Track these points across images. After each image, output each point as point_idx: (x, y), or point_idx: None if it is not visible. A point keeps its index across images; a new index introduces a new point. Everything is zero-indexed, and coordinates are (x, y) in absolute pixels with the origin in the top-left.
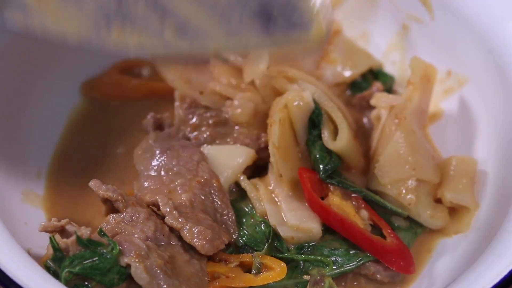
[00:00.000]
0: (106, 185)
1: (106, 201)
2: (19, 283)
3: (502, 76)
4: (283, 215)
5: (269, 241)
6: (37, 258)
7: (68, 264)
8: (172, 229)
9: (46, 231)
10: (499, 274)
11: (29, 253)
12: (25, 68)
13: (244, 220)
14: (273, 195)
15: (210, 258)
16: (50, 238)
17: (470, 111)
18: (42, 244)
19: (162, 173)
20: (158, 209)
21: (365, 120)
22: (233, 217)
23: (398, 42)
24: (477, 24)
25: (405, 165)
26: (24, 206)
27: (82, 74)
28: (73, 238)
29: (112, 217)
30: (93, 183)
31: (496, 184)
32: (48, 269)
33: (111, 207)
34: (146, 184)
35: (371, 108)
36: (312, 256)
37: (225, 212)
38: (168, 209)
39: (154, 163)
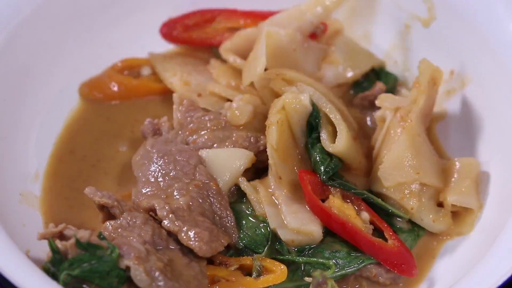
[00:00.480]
0: (102, 191)
1: (103, 207)
2: (17, 286)
3: (505, 76)
4: (283, 217)
5: (269, 243)
6: (36, 260)
7: (67, 266)
8: (170, 233)
9: (45, 238)
10: (502, 276)
11: (28, 255)
12: (22, 68)
13: (244, 222)
14: (273, 197)
15: (210, 262)
16: (49, 240)
17: (473, 111)
18: (41, 246)
19: (160, 178)
20: (156, 214)
21: (367, 120)
22: (232, 220)
23: (400, 42)
24: (480, 24)
25: (410, 168)
26: (22, 207)
27: (81, 74)
28: (72, 241)
29: (109, 223)
30: (88, 190)
31: (498, 186)
32: (47, 271)
33: (108, 214)
34: (143, 190)
35: (374, 108)
36: (313, 259)
37: (224, 214)
38: (165, 213)
39: (152, 169)
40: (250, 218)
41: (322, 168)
